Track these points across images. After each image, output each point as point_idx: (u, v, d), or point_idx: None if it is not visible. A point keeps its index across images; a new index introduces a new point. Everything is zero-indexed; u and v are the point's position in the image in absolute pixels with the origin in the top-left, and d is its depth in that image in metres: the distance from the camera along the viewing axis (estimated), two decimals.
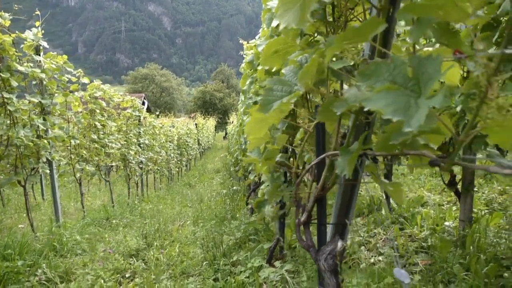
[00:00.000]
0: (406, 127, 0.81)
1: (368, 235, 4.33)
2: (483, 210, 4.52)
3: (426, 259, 3.43)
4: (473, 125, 0.95)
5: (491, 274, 2.71)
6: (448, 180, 3.57)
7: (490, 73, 0.85)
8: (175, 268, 3.83)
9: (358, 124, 1.47)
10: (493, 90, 0.84)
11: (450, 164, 1.04)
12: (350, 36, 1.05)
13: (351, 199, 1.71)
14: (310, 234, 1.73)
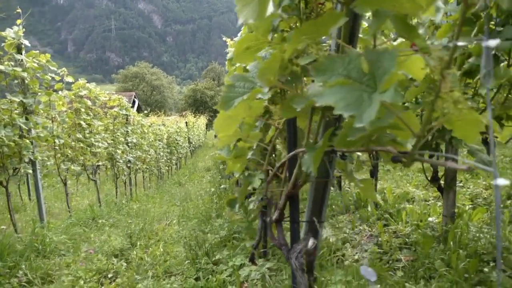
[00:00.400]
0: (358, 122, 0.78)
1: (353, 232, 4.32)
2: (467, 205, 4.53)
3: (409, 255, 3.43)
4: (429, 120, 0.92)
5: (472, 269, 2.71)
6: (431, 176, 3.56)
7: (443, 66, 0.83)
8: (158, 267, 3.79)
9: (327, 121, 1.45)
10: (446, 84, 0.82)
11: (410, 160, 1.03)
12: (309, 31, 1.03)
13: (323, 196, 1.69)
14: (283, 232, 1.71)
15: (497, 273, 1.55)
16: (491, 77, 0.78)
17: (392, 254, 3.49)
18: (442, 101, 0.85)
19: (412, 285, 2.88)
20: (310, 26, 1.01)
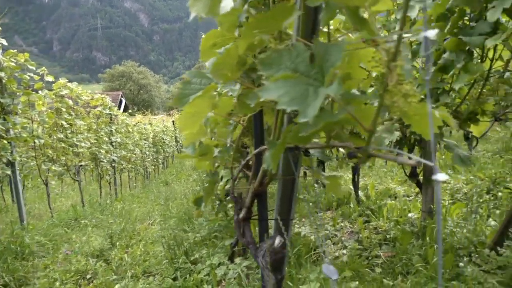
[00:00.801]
0: (302, 117, 0.76)
1: (334, 229, 4.32)
2: (447, 201, 4.56)
3: (388, 251, 3.43)
4: (378, 114, 0.91)
5: (448, 264, 2.72)
6: (409, 171, 3.57)
7: (389, 58, 0.81)
8: (137, 267, 3.76)
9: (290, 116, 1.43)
10: (393, 76, 0.81)
11: (365, 155, 1.01)
12: (260, 25, 1.00)
13: (291, 194, 1.68)
14: (250, 231, 1.69)
15: (439, 269, 1.49)
16: (431, 65, 0.77)
17: (371, 251, 3.50)
18: (391, 94, 0.83)
19: (389, 281, 2.88)
20: (261, 20, 0.99)
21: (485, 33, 2.48)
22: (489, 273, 2.39)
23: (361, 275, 3.07)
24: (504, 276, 2.23)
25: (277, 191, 1.70)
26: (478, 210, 4.20)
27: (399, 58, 0.81)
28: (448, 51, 2.73)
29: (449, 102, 2.85)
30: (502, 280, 2.21)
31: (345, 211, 4.85)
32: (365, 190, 5.78)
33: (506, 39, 2.48)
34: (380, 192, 5.49)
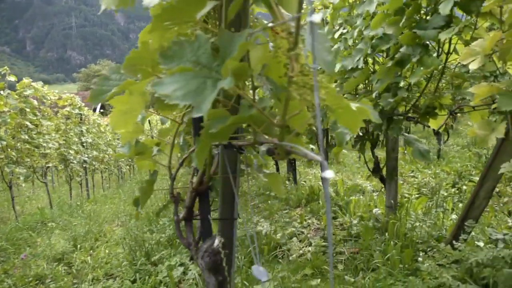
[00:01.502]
0: (196, 112, 0.71)
1: (301, 226, 4.29)
2: (414, 195, 4.57)
3: (352, 247, 3.42)
4: (286, 109, 0.86)
5: (407, 259, 2.70)
6: (372, 167, 3.55)
7: (289, 47, 0.76)
8: (99, 270, 3.66)
9: None
10: (294, 67, 0.76)
11: (281, 151, 0.96)
12: (170, 17, 0.95)
13: (233, 192, 1.62)
14: (192, 231, 1.63)
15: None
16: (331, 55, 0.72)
17: (336, 247, 3.47)
18: (297, 86, 0.79)
19: (350, 278, 2.86)
20: (171, 11, 0.93)
21: (439, 27, 2.47)
22: (444, 267, 2.38)
23: (324, 273, 3.05)
24: (459, 270, 2.22)
25: (219, 190, 1.65)
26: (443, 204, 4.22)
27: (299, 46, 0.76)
28: (405, 46, 2.72)
29: (406, 97, 2.83)
30: (456, 274, 2.20)
31: (314, 208, 4.83)
32: (334, 186, 5.78)
33: (460, 32, 2.47)
34: (349, 188, 5.49)
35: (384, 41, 2.96)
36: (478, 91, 1.91)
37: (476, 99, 1.92)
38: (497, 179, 2.48)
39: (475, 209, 2.59)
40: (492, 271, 2.02)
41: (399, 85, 2.87)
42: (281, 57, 0.78)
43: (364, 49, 3.11)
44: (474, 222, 2.55)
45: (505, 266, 2.06)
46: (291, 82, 0.78)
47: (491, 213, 3.81)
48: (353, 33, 3.38)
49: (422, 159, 2.90)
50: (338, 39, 3.66)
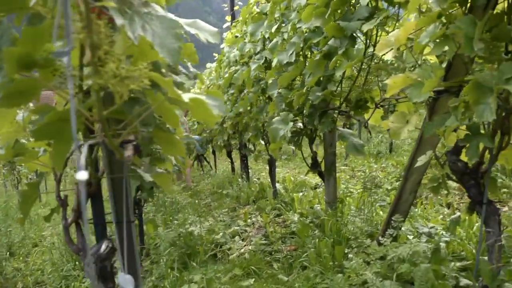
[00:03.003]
0: None
1: (245, 224, 4.21)
2: (358, 190, 4.56)
3: (292, 245, 3.36)
4: (100, 103, 0.76)
5: (338, 256, 2.65)
6: (311, 162, 3.49)
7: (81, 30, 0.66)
8: (29, 278, 3.48)
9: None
10: (87, 53, 0.66)
11: (115, 148, 0.87)
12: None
13: (125, 194, 1.52)
14: (83, 236, 1.52)
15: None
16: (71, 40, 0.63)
17: (274, 245, 3.41)
18: (101, 75, 0.68)
19: (284, 277, 2.79)
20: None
21: (364, 18, 2.42)
22: (369, 264, 2.34)
23: (260, 272, 2.97)
24: (382, 266, 2.18)
25: (109, 192, 1.54)
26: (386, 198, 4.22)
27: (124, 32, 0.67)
28: (333, 38, 2.66)
29: (335, 90, 2.78)
30: (379, 271, 2.15)
31: (261, 205, 4.76)
32: (283, 182, 5.73)
33: (383, 24, 2.43)
34: (296, 184, 5.44)
35: (316, 34, 2.90)
36: (393, 83, 1.86)
37: (391, 90, 1.86)
38: (421, 172, 2.45)
39: (403, 203, 2.56)
40: (410, 266, 1.98)
41: (332, 78, 2.82)
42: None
43: (296, 42, 3.04)
44: (401, 216, 2.52)
45: (424, 261, 2.03)
46: (95, 72, 0.68)
47: (430, 206, 3.82)
48: (287, 26, 3.31)
49: (357, 153, 2.86)
50: (276, 33, 3.59)
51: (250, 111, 4.79)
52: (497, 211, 1.77)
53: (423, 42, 1.62)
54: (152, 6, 0.97)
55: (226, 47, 5.62)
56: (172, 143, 1.23)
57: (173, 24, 0.92)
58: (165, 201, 5.54)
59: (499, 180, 4.17)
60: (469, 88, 1.39)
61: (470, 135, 1.56)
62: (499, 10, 1.64)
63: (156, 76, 0.81)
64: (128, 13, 0.89)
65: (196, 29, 1.38)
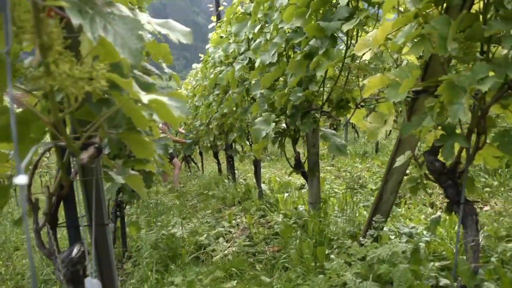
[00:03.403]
0: None
1: (230, 225, 4.19)
2: (342, 190, 4.56)
3: (275, 246, 3.35)
4: (54, 102, 0.74)
5: (320, 257, 2.65)
6: (294, 163, 3.49)
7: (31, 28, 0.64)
8: (9, 282, 3.43)
9: None
10: (37, 54, 0.64)
11: (74, 150, 0.85)
12: None
13: (98, 196, 1.49)
14: (56, 240, 1.49)
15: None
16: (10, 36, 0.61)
17: (258, 246, 3.39)
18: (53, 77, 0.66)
19: (266, 278, 2.78)
20: None
21: (344, 18, 2.41)
22: (350, 265, 2.33)
23: (242, 273, 2.95)
24: (362, 267, 2.17)
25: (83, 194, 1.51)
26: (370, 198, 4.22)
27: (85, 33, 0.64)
28: (314, 38, 2.65)
29: (317, 91, 2.78)
30: (360, 272, 2.15)
31: (247, 206, 4.74)
32: (270, 183, 5.72)
33: (363, 24, 2.43)
34: (281, 184, 5.43)
35: (298, 35, 2.89)
36: (370, 83, 1.85)
37: (368, 91, 1.86)
38: (402, 172, 2.45)
39: (384, 203, 2.56)
40: (389, 267, 1.98)
41: (314, 79, 2.81)
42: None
43: (278, 43, 3.04)
44: (383, 217, 2.52)
45: (403, 261, 2.03)
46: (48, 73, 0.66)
47: (414, 206, 3.83)
48: (270, 27, 3.30)
49: (339, 153, 2.85)
50: (260, 33, 3.58)
51: (235, 112, 4.78)
52: (475, 211, 1.77)
53: (399, 42, 1.62)
54: (117, 6, 0.95)
55: (211, 47, 5.59)
56: (142, 144, 1.21)
57: (137, 24, 0.90)
58: (149, 202, 5.50)
59: (482, 179, 4.20)
60: (443, 88, 1.39)
61: (445, 135, 1.55)
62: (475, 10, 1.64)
63: (115, 77, 0.79)
64: (89, 13, 0.87)
65: (168, 29, 1.36)
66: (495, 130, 1.65)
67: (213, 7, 6.57)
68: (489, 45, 1.48)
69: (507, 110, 1.67)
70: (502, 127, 1.62)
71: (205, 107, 6.43)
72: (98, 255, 1.70)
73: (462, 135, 1.55)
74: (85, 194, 1.46)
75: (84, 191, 1.46)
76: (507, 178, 4.08)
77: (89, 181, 1.47)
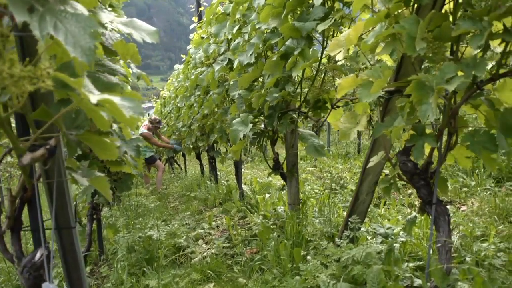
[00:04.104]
0: None
1: (210, 227, 4.16)
2: (322, 191, 4.56)
3: (254, 248, 3.33)
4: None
5: (297, 259, 2.63)
6: (273, 164, 3.47)
7: None
8: None
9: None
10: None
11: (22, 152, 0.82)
12: None
13: (63, 199, 1.46)
14: (19, 244, 1.45)
15: None
16: None
17: (236, 248, 3.37)
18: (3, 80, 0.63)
19: (243, 280, 2.76)
20: None
21: (319, 18, 2.41)
22: (326, 266, 2.32)
23: (219, 275, 2.93)
24: (337, 268, 2.16)
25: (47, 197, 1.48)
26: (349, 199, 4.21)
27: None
28: (290, 39, 2.64)
29: (293, 91, 2.76)
30: (334, 273, 2.14)
31: (227, 208, 4.71)
32: (252, 184, 5.70)
33: (338, 24, 2.42)
34: (263, 185, 5.42)
35: (275, 35, 2.88)
36: (343, 83, 1.85)
37: (341, 91, 1.85)
38: (377, 172, 2.45)
39: (360, 204, 2.56)
40: (362, 268, 1.97)
41: (290, 79, 2.80)
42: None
43: (256, 43, 3.02)
44: (359, 218, 2.52)
45: (377, 262, 2.02)
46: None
47: (393, 206, 3.85)
48: (248, 27, 3.29)
49: (317, 154, 2.84)
50: (238, 34, 3.56)
51: (216, 113, 4.76)
52: (447, 211, 1.78)
53: (369, 42, 1.61)
54: (71, 4, 0.92)
55: (193, 48, 5.57)
56: (104, 146, 1.18)
57: (91, 22, 0.88)
58: (130, 205, 5.44)
59: (460, 179, 4.23)
60: (411, 88, 1.38)
61: (416, 135, 1.55)
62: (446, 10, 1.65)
63: (62, 76, 0.76)
64: (40, 11, 0.84)
65: (132, 28, 1.34)
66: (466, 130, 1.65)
67: (193, 8, 6.53)
68: (458, 45, 1.48)
69: (478, 110, 1.68)
70: (473, 127, 1.62)
71: (187, 108, 6.40)
72: (65, 259, 1.67)
73: (432, 135, 1.55)
74: (49, 197, 1.43)
75: (48, 194, 1.42)
76: (483, 178, 4.11)
77: (53, 183, 1.43)
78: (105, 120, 1.05)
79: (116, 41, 1.55)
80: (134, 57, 1.56)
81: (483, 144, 1.45)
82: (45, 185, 1.43)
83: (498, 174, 4.22)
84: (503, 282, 2.05)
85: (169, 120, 9.18)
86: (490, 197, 3.57)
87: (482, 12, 1.29)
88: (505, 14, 1.25)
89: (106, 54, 1.56)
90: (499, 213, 3.17)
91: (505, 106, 1.55)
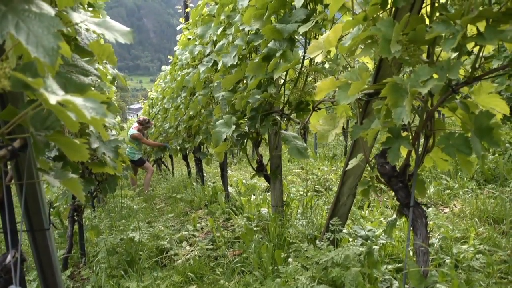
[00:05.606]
0: None
1: (194, 229, 4.15)
2: (307, 192, 4.56)
3: (237, 250, 3.32)
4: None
5: (279, 261, 2.63)
6: (256, 166, 3.46)
7: None
8: None
9: None
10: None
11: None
12: None
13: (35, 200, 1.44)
14: None
15: None
16: None
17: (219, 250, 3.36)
18: None
19: (225, 282, 2.75)
20: None
21: (301, 21, 2.41)
22: (307, 269, 2.32)
23: (202, 277, 2.92)
24: (316, 270, 2.16)
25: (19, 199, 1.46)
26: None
27: None
28: (272, 40, 2.64)
29: (275, 93, 2.76)
30: (314, 275, 2.14)
31: (213, 209, 4.70)
32: (238, 186, 5.69)
33: (320, 26, 2.43)
34: (248, 187, 5.41)
35: (259, 37, 2.88)
36: (321, 86, 1.85)
37: (320, 93, 1.85)
38: (358, 175, 2.46)
39: (341, 207, 2.56)
40: (341, 270, 1.97)
41: (273, 81, 2.80)
42: None
43: (239, 45, 3.02)
44: (340, 220, 2.52)
45: (356, 265, 2.02)
46: None
47: (377, 208, 3.86)
48: (232, 28, 3.28)
49: (300, 156, 2.84)
50: (222, 35, 3.56)
51: (201, 114, 4.75)
52: (424, 213, 1.78)
53: (346, 44, 1.61)
54: (36, 3, 0.91)
55: (179, 49, 5.55)
56: (74, 147, 1.16)
57: (54, 22, 0.86)
58: (115, 206, 5.40)
59: (443, 181, 4.25)
60: (387, 91, 1.39)
61: (392, 138, 1.55)
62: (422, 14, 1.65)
63: (21, 76, 0.75)
64: (2, 10, 0.83)
65: (105, 28, 1.32)
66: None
67: (181, 9, 6.51)
68: (434, 48, 1.49)
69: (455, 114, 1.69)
70: (450, 130, 1.63)
71: (174, 109, 6.38)
72: (40, 262, 1.65)
73: (408, 138, 1.56)
74: (22, 198, 1.41)
75: (20, 196, 1.41)
76: (466, 180, 4.14)
77: (27, 185, 1.42)
78: (73, 121, 1.03)
79: (92, 42, 1.53)
80: (110, 57, 1.55)
81: (457, 147, 1.46)
82: (17, 187, 1.42)
83: (480, 176, 4.25)
84: (481, 284, 2.06)
85: (156, 121, 9.14)
86: (472, 199, 3.60)
87: (456, 16, 1.30)
88: (478, 18, 1.26)
89: (81, 55, 1.55)
90: (480, 215, 3.19)
91: (481, 110, 1.56)
